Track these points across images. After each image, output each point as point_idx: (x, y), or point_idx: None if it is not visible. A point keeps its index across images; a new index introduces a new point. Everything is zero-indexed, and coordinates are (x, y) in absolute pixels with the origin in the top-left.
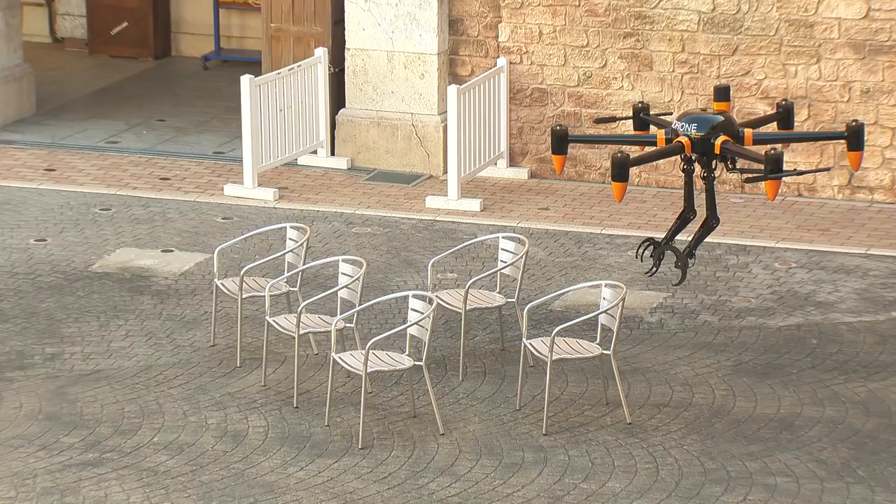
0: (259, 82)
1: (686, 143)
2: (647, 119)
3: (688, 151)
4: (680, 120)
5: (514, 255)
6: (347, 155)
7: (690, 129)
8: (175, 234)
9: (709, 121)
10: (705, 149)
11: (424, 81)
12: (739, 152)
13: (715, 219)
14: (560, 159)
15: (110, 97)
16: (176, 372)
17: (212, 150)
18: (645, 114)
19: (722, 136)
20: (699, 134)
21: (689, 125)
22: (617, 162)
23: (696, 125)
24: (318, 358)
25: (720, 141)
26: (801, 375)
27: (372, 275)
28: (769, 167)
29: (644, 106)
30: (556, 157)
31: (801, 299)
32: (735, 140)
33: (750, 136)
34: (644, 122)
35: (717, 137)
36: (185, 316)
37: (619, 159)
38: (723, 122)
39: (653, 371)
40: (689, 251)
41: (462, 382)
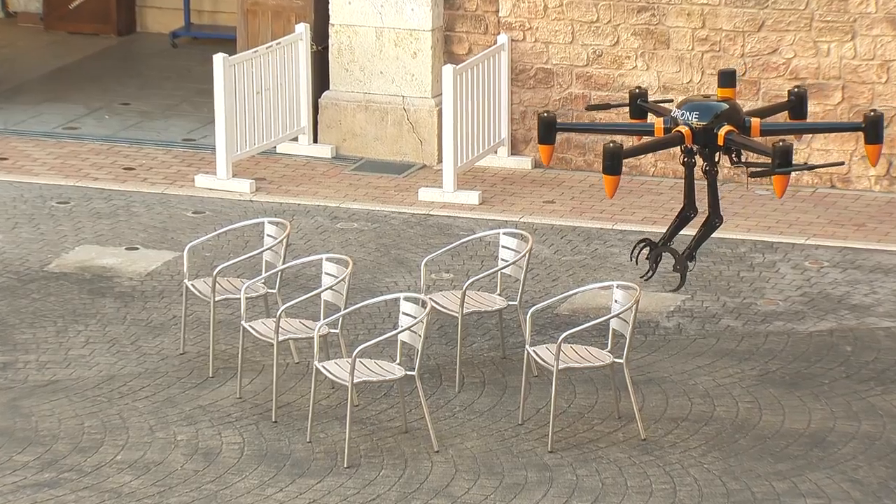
0: (233, 62)
1: (686, 133)
2: (644, 106)
3: (688, 142)
4: (680, 108)
5: (517, 254)
6: (332, 142)
7: (691, 118)
8: (140, 229)
9: (712, 109)
10: (707, 140)
11: (417, 61)
12: (745, 144)
13: (718, 217)
14: (547, 149)
15: (68, 78)
16: (141, 383)
17: (181, 137)
18: (642, 100)
19: (726, 125)
20: (701, 123)
21: (689, 113)
22: (609, 153)
23: (697, 113)
24: (299, 367)
25: (724, 131)
26: (833, 386)
27: (359, 275)
28: (777, 161)
29: (641, 92)
30: (543, 147)
31: (834, 302)
32: (741, 130)
33: (757, 127)
34: (641, 110)
35: (720, 127)
36: (151, 321)
37: (612, 150)
38: (727, 110)
39: (670, 381)
40: (690, 253)
41: (459, 394)
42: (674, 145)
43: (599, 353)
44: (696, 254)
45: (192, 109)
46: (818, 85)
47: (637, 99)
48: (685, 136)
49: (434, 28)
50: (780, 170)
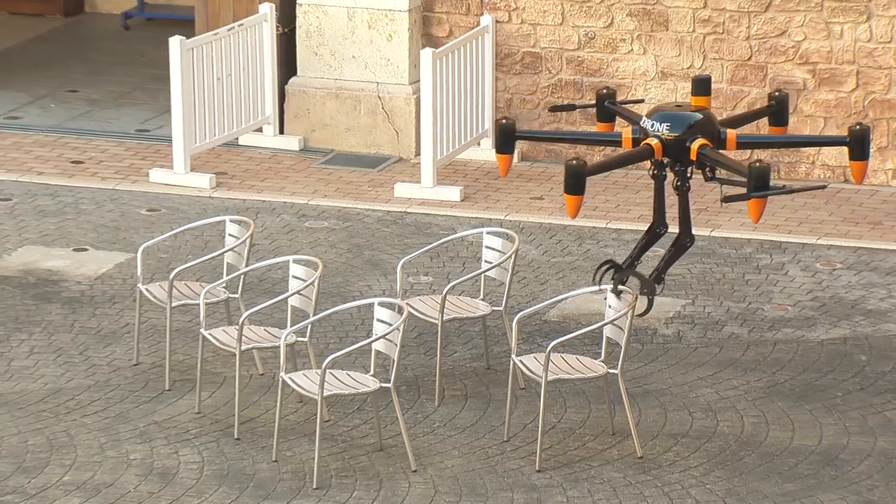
0: (192, 45)
1: (657, 146)
2: (612, 109)
3: (658, 156)
4: (650, 117)
5: (502, 255)
6: (299, 133)
7: (662, 129)
8: (90, 229)
9: (684, 120)
10: (679, 153)
11: (393, 44)
12: (719, 161)
13: (689, 237)
14: (505, 160)
15: (10, 63)
16: (91, 396)
17: (134, 128)
18: (611, 102)
19: (700, 138)
20: (672, 135)
21: (660, 124)
22: (571, 171)
23: (668, 124)
24: (263, 379)
25: (697, 145)
26: (847, 399)
27: (329, 278)
28: (753, 183)
29: (610, 93)
30: (501, 156)
31: (848, 307)
32: (715, 143)
33: (733, 139)
34: (609, 113)
35: (693, 140)
36: (102, 328)
37: (574, 168)
38: (701, 120)
39: (669, 394)
40: (658, 275)
41: (438, 408)
42: (643, 160)
43: (592, 363)
44: (664, 276)
45: (147, 97)
46: (830, 70)
47: (605, 100)
48: (655, 149)
49: (411, 8)
50: (757, 193)
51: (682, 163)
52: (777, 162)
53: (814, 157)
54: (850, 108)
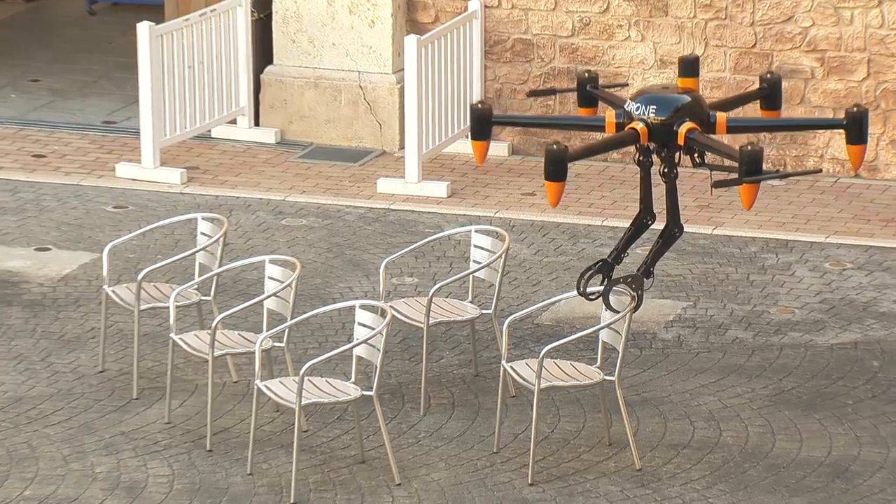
0: (161, 31)
1: (642, 130)
2: (594, 93)
3: (644, 141)
4: (635, 100)
5: (491, 254)
6: (276, 125)
7: (648, 113)
8: (53, 227)
9: (671, 102)
10: (666, 138)
11: (375, 30)
12: (708, 145)
13: (677, 226)
14: (481, 147)
15: None
16: (54, 405)
17: (100, 119)
18: (592, 86)
19: (687, 122)
20: (659, 119)
21: (645, 107)
22: (552, 157)
23: (654, 107)
24: (237, 387)
25: (685, 129)
26: (858, 407)
27: (308, 280)
28: (744, 167)
29: (592, 76)
30: (477, 143)
31: (859, 309)
32: (704, 127)
33: (723, 123)
34: (591, 97)
35: (681, 124)
36: (65, 333)
37: (555, 153)
38: (689, 103)
39: (669, 402)
40: (646, 269)
41: (424, 417)
42: (627, 145)
43: (587, 369)
44: (653, 270)
45: (113, 87)
46: (839, 58)
47: (586, 84)
48: (640, 133)
49: None
50: (749, 178)
51: (669, 148)
52: (783, 156)
53: (822, 150)
54: (861, 99)
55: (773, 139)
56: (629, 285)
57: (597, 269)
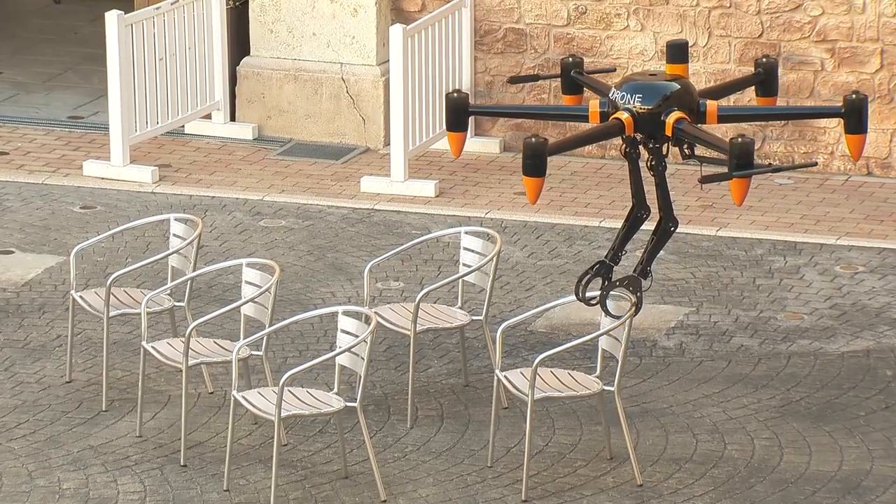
0: (131, 21)
1: (627, 120)
2: (579, 80)
3: (629, 131)
4: (620, 88)
5: (482, 257)
6: (253, 120)
7: (633, 102)
8: (16, 229)
9: (659, 90)
10: (653, 128)
11: (358, 20)
12: (697, 136)
13: (671, 221)
14: (458, 138)
15: None
16: (18, 418)
17: (66, 114)
18: (577, 72)
19: (676, 111)
20: (645, 108)
21: (631, 96)
22: (530, 150)
23: (641, 96)
24: (213, 398)
25: (673, 119)
26: (870, 419)
27: (287, 284)
28: (735, 161)
29: (576, 62)
30: (453, 134)
31: (872, 315)
32: (694, 116)
33: (714, 112)
34: (576, 84)
35: (668, 113)
36: (29, 341)
37: (534, 146)
38: (677, 91)
39: (671, 414)
40: (643, 268)
41: (411, 430)
42: (613, 136)
43: (585, 378)
44: (651, 269)
45: (80, 80)
46: (851, 49)
47: (571, 70)
48: (625, 124)
49: None
50: (739, 172)
51: (657, 139)
52: (791, 152)
53: (833, 148)
54: (874, 92)
55: (781, 135)
56: (626, 288)
57: (595, 272)
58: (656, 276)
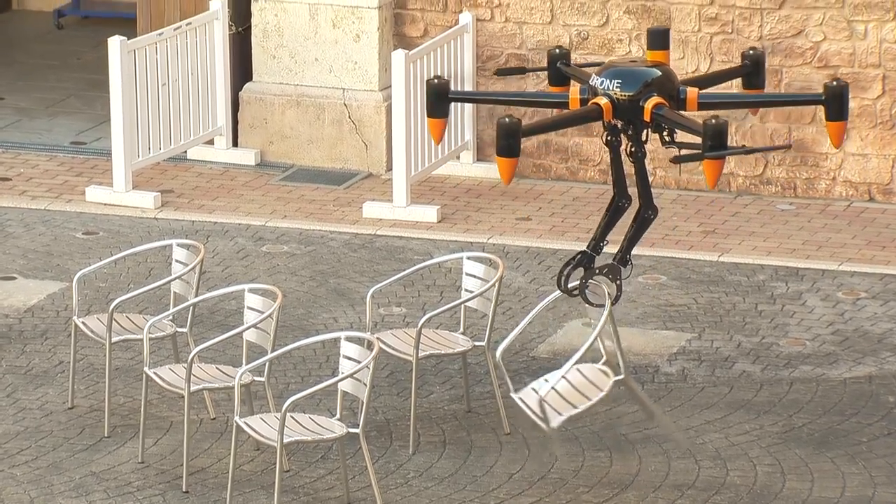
0: (133, 47)
1: (606, 105)
2: (565, 71)
3: (608, 117)
4: (600, 74)
5: (484, 283)
6: (255, 146)
7: (613, 87)
8: (18, 255)
9: (639, 76)
10: (632, 114)
11: (361, 45)
12: (675, 120)
13: (651, 208)
14: (438, 124)
15: None
16: (20, 444)
17: (69, 140)
18: (563, 63)
19: (655, 97)
20: (625, 94)
21: (611, 81)
22: (504, 130)
23: (620, 81)
24: (215, 424)
25: (651, 104)
26: (873, 445)
27: (290, 310)
28: (708, 142)
29: (562, 53)
30: (433, 121)
31: (874, 341)
32: (674, 103)
33: (694, 98)
34: (563, 76)
35: (647, 99)
36: (32, 367)
37: (507, 126)
38: (658, 77)
39: (673, 440)
40: (623, 257)
41: (413, 456)
42: (591, 120)
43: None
44: (630, 257)
45: (83, 106)
46: (853, 75)
47: (557, 61)
48: (604, 109)
49: (381, 5)
50: (712, 153)
51: (636, 125)
52: (793, 178)
53: (835, 173)
54: (876, 117)
55: (783, 161)
56: (606, 276)
57: (577, 263)
58: (658, 302)
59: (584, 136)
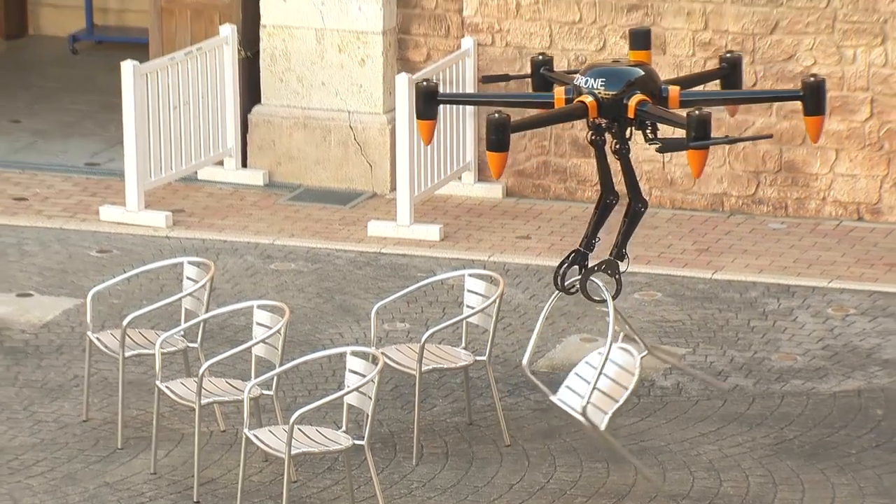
0: (146, 70)
1: (591, 104)
2: (549, 76)
3: (592, 115)
4: (584, 74)
5: (485, 299)
6: (264, 167)
7: (598, 87)
8: (35, 272)
9: (622, 75)
10: (616, 113)
11: (366, 69)
12: (659, 116)
13: (640, 202)
14: (427, 126)
15: None
16: (36, 456)
17: (83, 161)
18: (547, 69)
19: (638, 94)
20: (609, 93)
21: (595, 80)
22: (494, 125)
23: (604, 80)
24: (225, 436)
25: (635, 101)
26: (862, 457)
27: (297, 325)
28: (692, 133)
29: (546, 59)
30: (423, 122)
31: (863, 356)
32: (657, 101)
33: (676, 96)
34: (546, 81)
35: (631, 97)
36: (48, 381)
37: (497, 121)
38: (641, 76)
39: (668, 451)
40: (618, 251)
41: (417, 467)
42: (576, 118)
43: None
44: (626, 251)
45: (97, 127)
46: (842, 98)
47: (540, 68)
48: (589, 107)
49: (386, 30)
50: (696, 143)
51: (620, 123)
52: (784, 198)
53: (824, 193)
54: (864, 139)
55: (774, 181)
56: (604, 271)
57: (572, 261)
58: (654, 318)
59: (581, 158)
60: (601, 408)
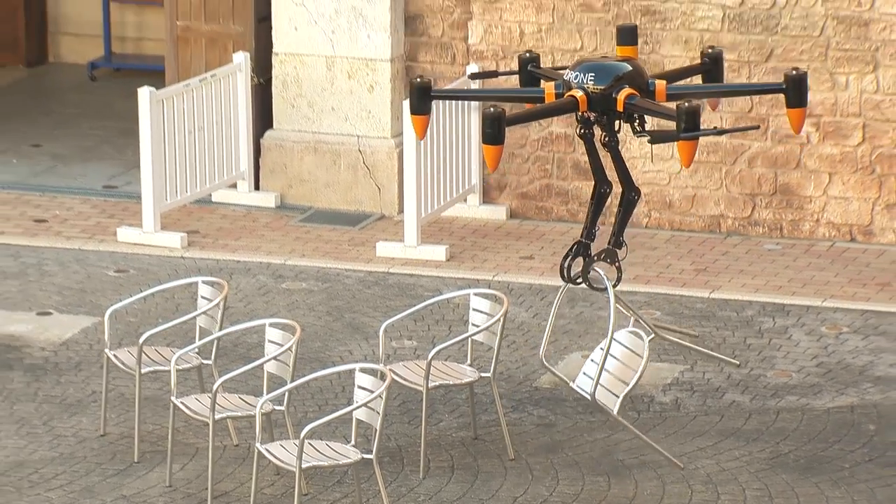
0: (162, 96)
1: (581, 98)
2: (536, 73)
3: (583, 109)
4: (574, 69)
5: (490, 318)
6: (276, 189)
7: (587, 81)
8: (54, 291)
9: (610, 70)
10: (606, 105)
11: (374, 96)
12: (648, 108)
13: (633, 190)
14: (421, 121)
15: None
16: (55, 470)
17: (101, 184)
18: (535, 66)
19: (627, 88)
20: (598, 87)
21: (584, 75)
22: (489, 119)
23: (593, 75)
24: (238, 450)
25: (623, 95)
26: (855, 471)
27: (308, 343)
28: (682, 124)
29: (532, 57)
30: (417, 117)
31: (856, 373)
32: (644, 94)
33: (663, 90)
34: (533, 78)
35: (619, 90)
36: (67, 397)
37: (492, 115)
38: (629, 71)
39: (667, 465)
40: (616, 240)
41: (423, 481)
42: (567, 112)
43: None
44: (623, 239)
45: (114, 152)
46: (835, 123)
47: (528, 64)
48: (579, 101)
49: (394, 57)
50: (686, 134)
51: (609, 116)
52: (779, 220)
53: (818, 215)
54: (857, 163)
55: (770, 203)
56: (605, 260)
57: (574, 253)
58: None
59: (583, 181)
60: (612, 391)
